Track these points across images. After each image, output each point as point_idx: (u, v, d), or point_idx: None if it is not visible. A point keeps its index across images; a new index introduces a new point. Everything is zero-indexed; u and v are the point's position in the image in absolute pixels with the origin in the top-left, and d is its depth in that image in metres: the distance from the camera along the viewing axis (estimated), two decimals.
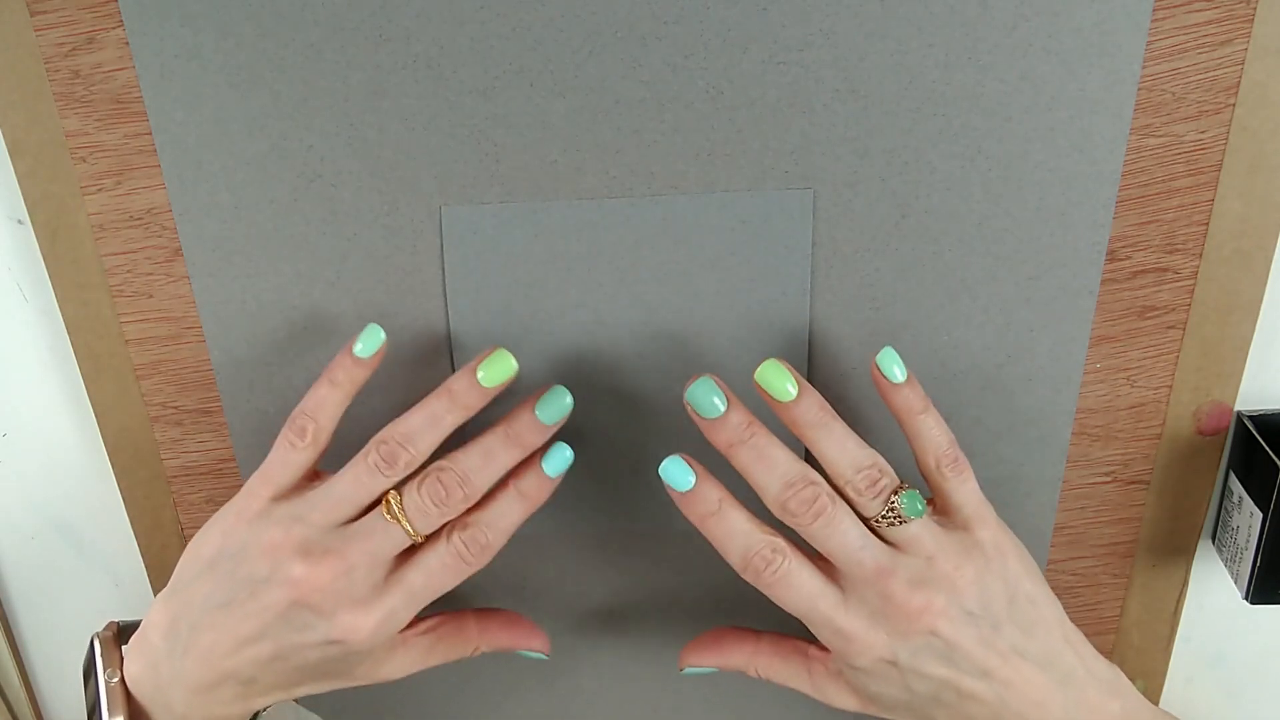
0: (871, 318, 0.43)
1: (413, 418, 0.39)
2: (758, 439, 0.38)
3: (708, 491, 0.38)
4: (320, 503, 0.39)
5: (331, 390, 0.40)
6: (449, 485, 0.38)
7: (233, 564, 0.38)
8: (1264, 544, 0.43)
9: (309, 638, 0.38)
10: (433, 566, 0.39)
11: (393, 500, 0.38)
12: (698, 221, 0.42)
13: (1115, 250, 0.42)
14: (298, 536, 0.38)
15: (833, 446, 0.38)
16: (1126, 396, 0.44)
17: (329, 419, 0.40)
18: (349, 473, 0.39)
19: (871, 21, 0.38)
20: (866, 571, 0.37)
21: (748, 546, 0.37)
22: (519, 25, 0.39)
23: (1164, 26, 0.37)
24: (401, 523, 0.38)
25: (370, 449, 0.39)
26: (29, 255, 0.45)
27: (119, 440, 0.48)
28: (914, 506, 0.37)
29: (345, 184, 0.42)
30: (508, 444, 0.39)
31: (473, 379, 0.39)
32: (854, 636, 0.37)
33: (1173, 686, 0.52)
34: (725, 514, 0.38)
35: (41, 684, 0.57)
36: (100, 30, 0.40)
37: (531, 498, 0.40)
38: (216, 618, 0.38)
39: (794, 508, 0.37)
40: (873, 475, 0.38)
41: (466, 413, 0.39)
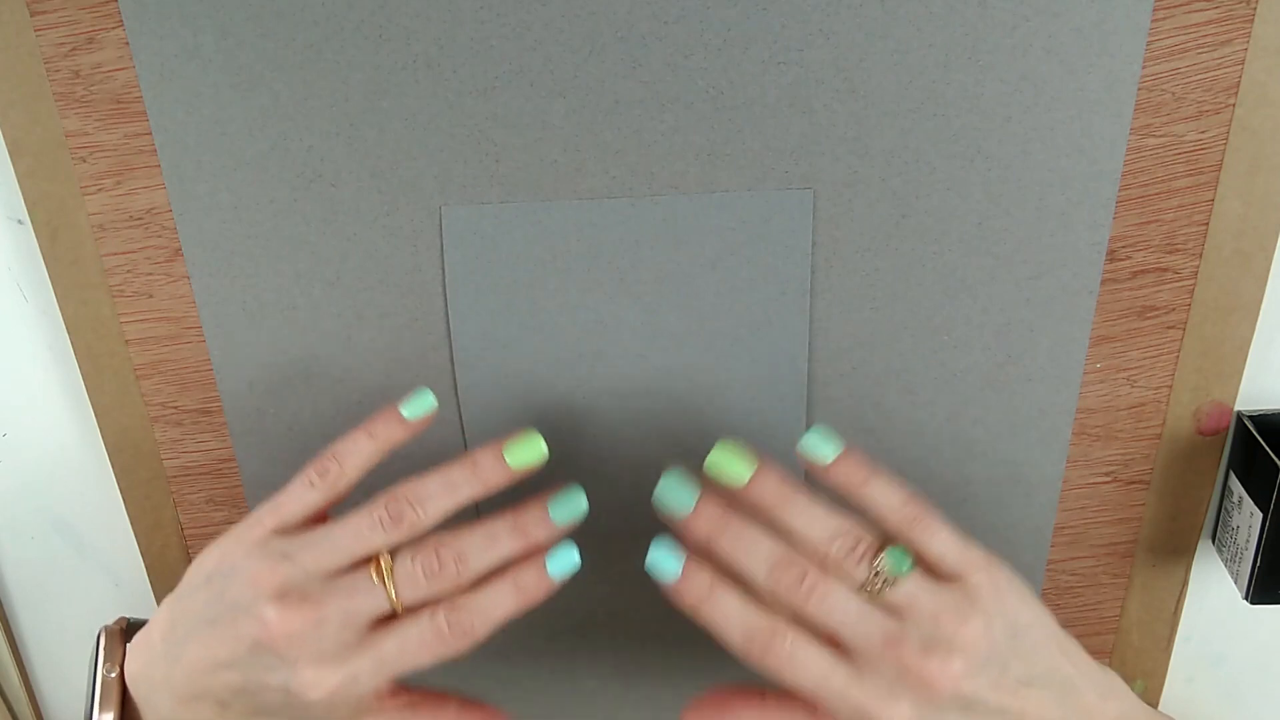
0: (871, 318, 0.43)
1: (429, 480, 0.38)
2: (733, 525, 0.37)
3: (697, 576, 0.37)
4: (314, 546, 0.37)
5: (368, 441, 0.39)
6: (445, 560, 0.37)
7: (223, 584, 0.38)
8: (1264, 544, 0.43)
9: (270, 680, 0.37)
10: (410, 639, 0.37)
11: (383, 562, 0.37)
12: (698, 221, 0.42)
13: (1115, 250, 0.42)
14: (281, 575, 0.37)
15: (800, 520, 0.37)
16: (1126, 396, 0.44)
17: (355, 468, 0.39)
18: (350, 522, 0.37)
19: (871, 21, 0.38)
20: (874, 643, 0.35)
21: (747, 628, 0.36)
22: (519, 25, 0.39)
23: (1164, 26, 0.37)
24: (387, 587, 0.36)
25: (379, 503, 0.37)
26: (29, 255, 0.45)
27: (119, 440, 0.48)
28: (899, 564, 0.36)
29: (345, 184, 0.42)
30: (513, 534, 0.38)
31: (499, 456, 0.38)
32: (875, 712, 0.35)
33: (1173, 686, 0.52)
34: (718, 598, 0.37)
35: (41, 684, 0.57)
36: (100, 30, 0.40)
37: (528, 594, 0.38)
38: (204, 633, 0.38)
39: (785, 588, 0.36)
40: (848, 541, 0.36)
41: (485, 489, 0.38)
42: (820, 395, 0.45)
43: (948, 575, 0.37)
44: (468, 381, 0.45)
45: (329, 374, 0.46)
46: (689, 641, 0.52)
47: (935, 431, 0.45)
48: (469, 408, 0.46)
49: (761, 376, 0.44)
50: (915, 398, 0.45)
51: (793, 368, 0.44)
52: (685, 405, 0.45)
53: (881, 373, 0.44)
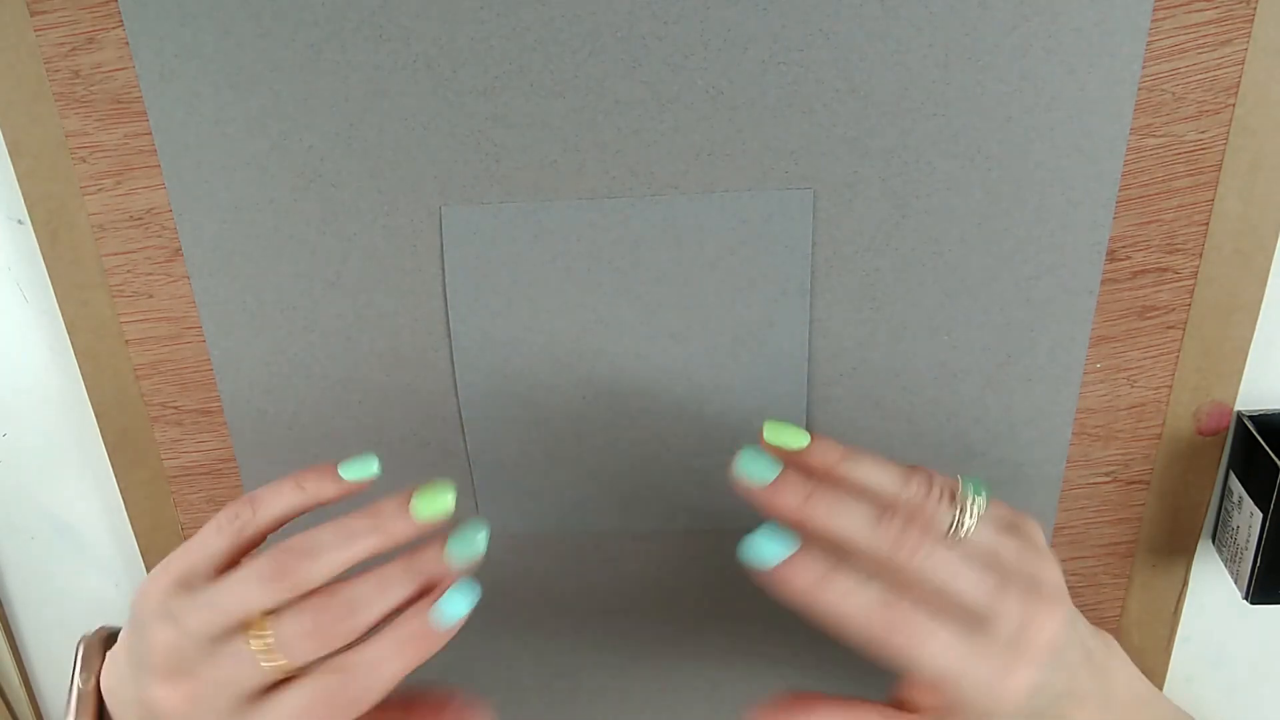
0: (871, 318, 0.43)
1: (324, 531, 0.34)
2: (824, 487, 0.34)
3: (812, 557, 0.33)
4: (199, 608, 0.34)
5: (294, 493, 0.36)
6: (336, 615, 0.33)
7: (138, 635, 0.35)
8: (1264, 544, 0.43)
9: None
10: (292, 709, 0.33)
11: (258, 625, 0.33)
12: (698, 221, 0.42)
13: (1115, 250, 0.42)
14: (167, 644, 0.34)
15: (869, 472, 0.35)
16: (1126, 396, 0.44)
17: (269, 517, 0.36)
18: (235, 577, 0.34)
19: (871, 21, 0.38)
20: (987, 590, 0.33)
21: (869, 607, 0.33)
22: (519, 25, 0.39)
23: (1164, 26, 0.37)
24: (269, 652, 0.33)
25: (267, 554, 0.33)
26: (29, 255, 0.45)
27: (119, 440, 0.48)
28: (978, 490, 0.34)
29: (345, 184, 0.42)
30: (407, 572, 0.34)
31: (404, 507, 0.34)
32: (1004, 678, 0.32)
33: (1173, 686, 0.52)
34: (836, 579, 0.33)
35: (41, 684, 0.57)
36: (100, 30, 0.40)
37: (413, 650, 0.33)
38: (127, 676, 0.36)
39: (895, 539, 0.33)
40: (923, 478, 0.34)
41: (387, 541, 0.34)
42: (820, 395, 0.45)
43: None
44: (468, 381, 0.45)
45: (329, 374, 0.46)
46: (689, 641, 0.52)
47: (935, 431, 0.45)
48: (469, 408, 0.46)
49: (761, 376, 0.44)
50: (915, 398, 0.45)
51: (793, 368, 0.44)
52: (685, 405, 0.45)
53: (881, 373, 0.44)
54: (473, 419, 0.46)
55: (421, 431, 0.47)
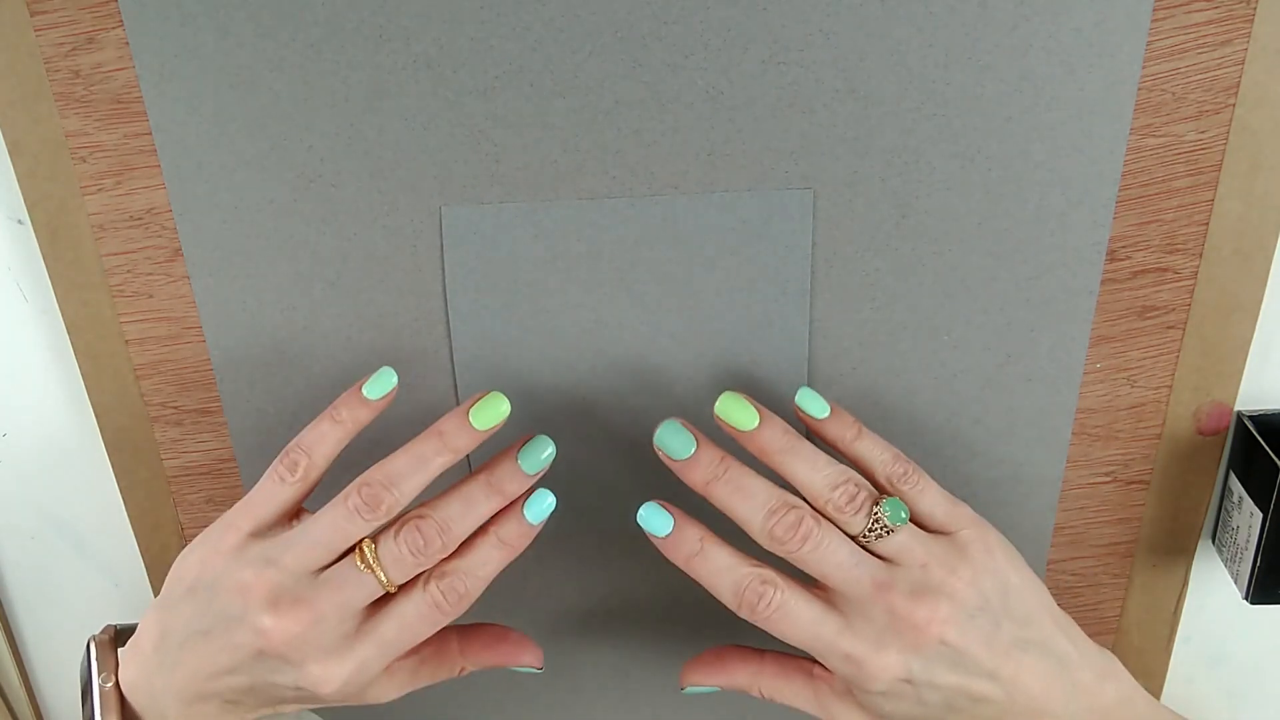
0: (871, 318, 0.43)
1: (398, 459, 0.37)
2: (732, 472, 0.37)
3: (688, 532, 0.38)
4: (295, 545, 0.37)
5: (333, 427, 0.39)
6: (428, 534, 0.37)
7: (209, 596, 0.38)
8: (1264, 544, 0.43)
9: (281, 679, 0.37)
10: (408, 616, 0.37)
11: (367, 549, 0.37)
12: (698, 221, 0.42)
13: (1115, 250, 0.42)
14: (269, 581, 0.36)
15: (804, 468, 0.37)
16: (1126, 396, 0.44)
17: (324, 456, 0.39)
18: (327, 515, 0.37)
19: (871, 21, 0.38)
20: (864, 589, 0.36)
21: (737, 582, 0.37)
22: (519, 25, 0.39)
23: (1164, 26, 0.37)
24: (376, 572, 0.36)
25: (351, 491, 0.37)
26: (29, 255, 0.45)
27: (119, 440, 0.48)
28: (897, 513, 0.37)
29: (345, 184, 0.42)
30: (489, 492, 0.38)
31: (464, 421, 0.38)
32: (865, 660, 0.36)
33: (1173, 686, 0.52)
34: (708, 553, 0.37)
35: (41, 684, 0.57)
36: (100, 30, 0.40)
37: (512, 545, 0.38)
38: (198, 644, 0.38)
39: (780, 534, 0.36)
40: (850, 490, 0.37)
41: (455, 455, 0.38)
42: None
43: (938, 529, 0.38)
44: (468, 381, 0.45)
45: (329, 374, 0.46)
46: (691, 641, 0.52)
47: (935, 431, 0.45)
48: None
49: (762, 377, 0.44)
50: (915, 398, 0.45)
51: (793, 368, 0.44)
52: (685, 405, 0.45)
53: (881, 373, 0.44)
54: None
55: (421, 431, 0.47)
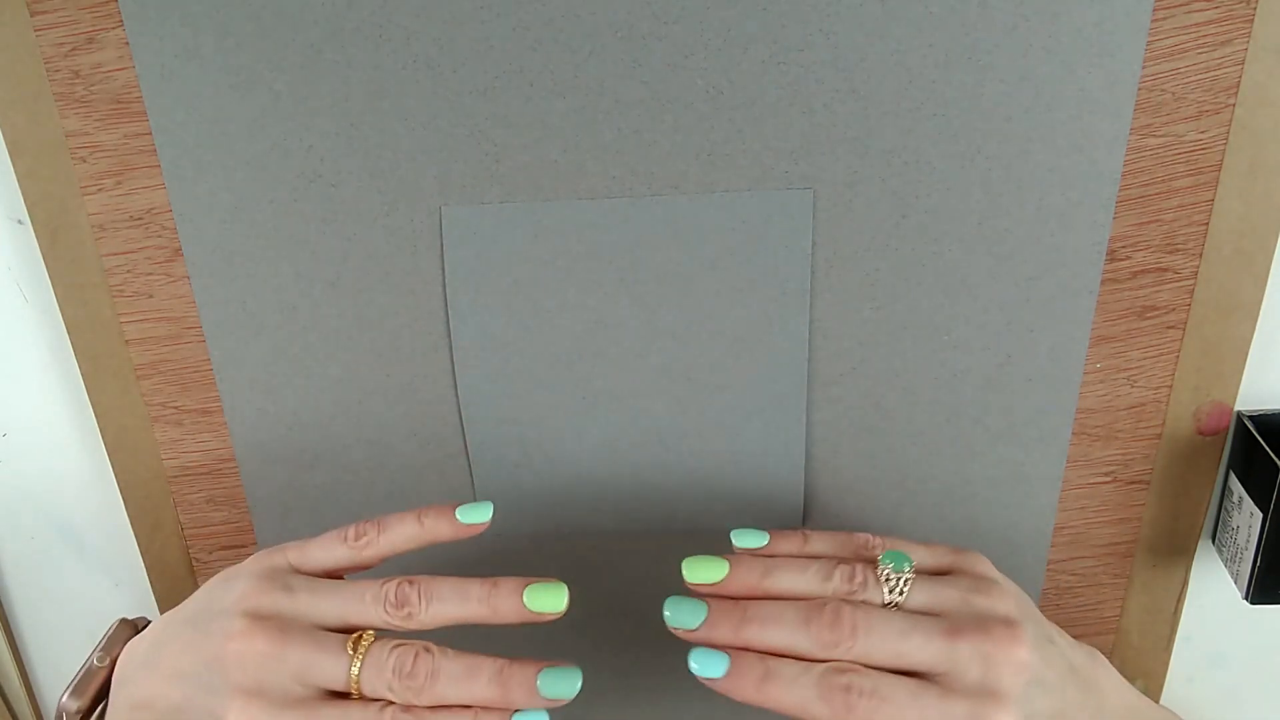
0: (871, 318, 0.43)
1: (446, 582, 0.37)
2: (753, 609, 0.36)
3: (747, 659, 0.35)
4: (315, 590, 0.37)
5: (414, 526, 0.39)
6: (417, 668, 0.35)
7: (219, 591, 0.38)
8: (1264, 544, 0.43)
9: (204, 701, 0.35)
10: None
11: (365, 638, 0.36)
12: (698, 221, 0.42)
13: (1115, 250, 0.42)
14: (269, 599, 0.36)
15: (792, 578, 0.36)
16: (1126, 396, 0.44)
17: (390, 545, 0.39)
18: (357, 585, 0.37)
19: (871, 21, 0.38)
20: (938, 643, 0.34)
21: (820, 684, 0.34)
22: (519, 25, 0.39)
23: (1164, 26, 0.37)
24: (352, 661, 0.35)
25: (390, 581, 0.37)
26: (29, 255, 0.45)
27: (119, 440, 0.48)
28: (901, 562, 0.36)
29: (345, 184, 0.42)
30: (495, 685, 0.36)
31: (518, 594, 0.37)
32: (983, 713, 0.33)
33: (1173, 686, 0.52)
34: (777, 670, 0.34)
35: (41, 684, 0.57)
36: (100, 30, 0.40)
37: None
38: (180, 637, 0.37)
39: (829, 636, 0.34)
40: (845, 571, 0.36)
41: (493, 616, 0.37)
42: (820, 395, 0.45)
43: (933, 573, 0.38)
44: (468, 381, 0.45)
45: (329, 374, 0.46)
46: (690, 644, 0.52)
47: (935, 431, 0.45)
48: (469, 408, 0.46)
49: (761, 376, 0.44)
50: (915, 398, 0.45)
51: (793, 368, 0.44)
52: (685, 405, 0.45)
53: (881, 373, 0.44)
54: (473, 419, 0.46)
55: (421, 431, 0.47)
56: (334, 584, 0.37)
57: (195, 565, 0.51)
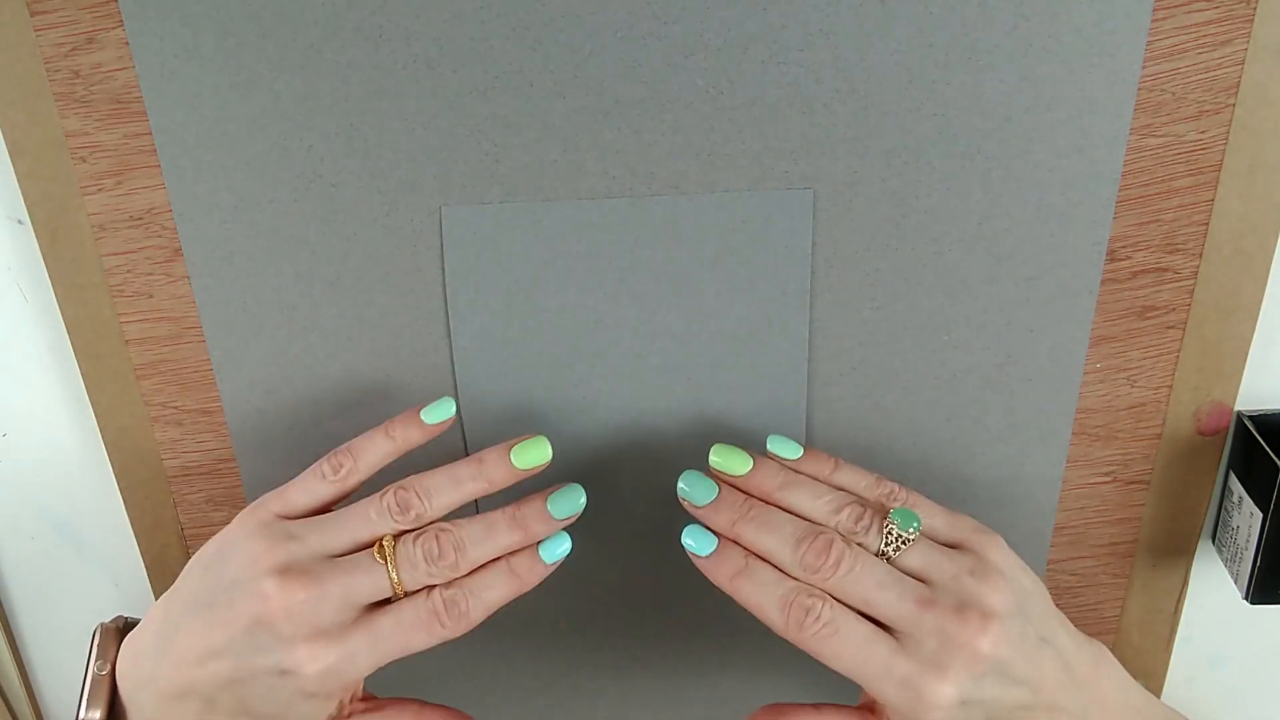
0: (871, 318, 0.43)
1: (436, 475, 0.39)
2: (756, 510, 0.38)
3: (731, 551, 0.38)
4: (319, 527, 0.38)
5: (384, 440, 0.40)
6: (444, 547, 0.37)
7: (221, 567, 0.38)
8: (1264, 544, 0.43)
9: (263, 662, 0.36)
10: (406, 618, 0.37)
11: (386, 544, 0.37)
12: (698, 221, 0.42)
13: (1115, 250, 0.42)
14: (283, 552, 0.37)
15: (806, 498, 0.38)
16: (1126, 396, 0.44)
17: (368, 465, 0.40)
18: (358, 508, 0.38)
19: (871, 21, 0.38)
20: (909, 606, 0.35)
21: (784, 595, 0.36)
22: (519, 25, 0.39)
23: (1164, 26, 0.37)
24: (388, 567, 0.37)
25: (387, 491, 0.38)
26: (29, 255, 0.45)
27: (119, 440, 0.48)
28: (908, 522, 0.37)
29: (345, 184, 0.42)
30: (512, 526, 0.39)
31: (505, 456, 0.39)
32: (923, 685, 0.35)
33: (1173, 686, 0.52)
34: (754, 569, 0.37)
35: (41, 684, 0.57)
36: (100, 30, 0.40)
37: (521, 578, 0.39)
38: (196, 619, 0.38)
39: (813, 561, 0.36)
40: (855, 510, 0.37)
41: (490, 487, 0.39)
42: (820, 395, 0.45)
43: (944, 542, 0.38)
44: (468, 381, 0.45)
45: (329, 374, 0.46)
46: (690, 643, 0.52)
47: (935, 431, 0.45)
48: (469, 408, 0.46)
49: (761, 376, 0.44)
50: (915, 398, 0.45)
51: (793, 368, 0.44)
52: (685, 405, 0.45)
53: (881, 373, 0.44)
54: (473, 419, 0.46)
55: None
56: (333, 516, 0.39)
57: None
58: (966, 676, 0.35)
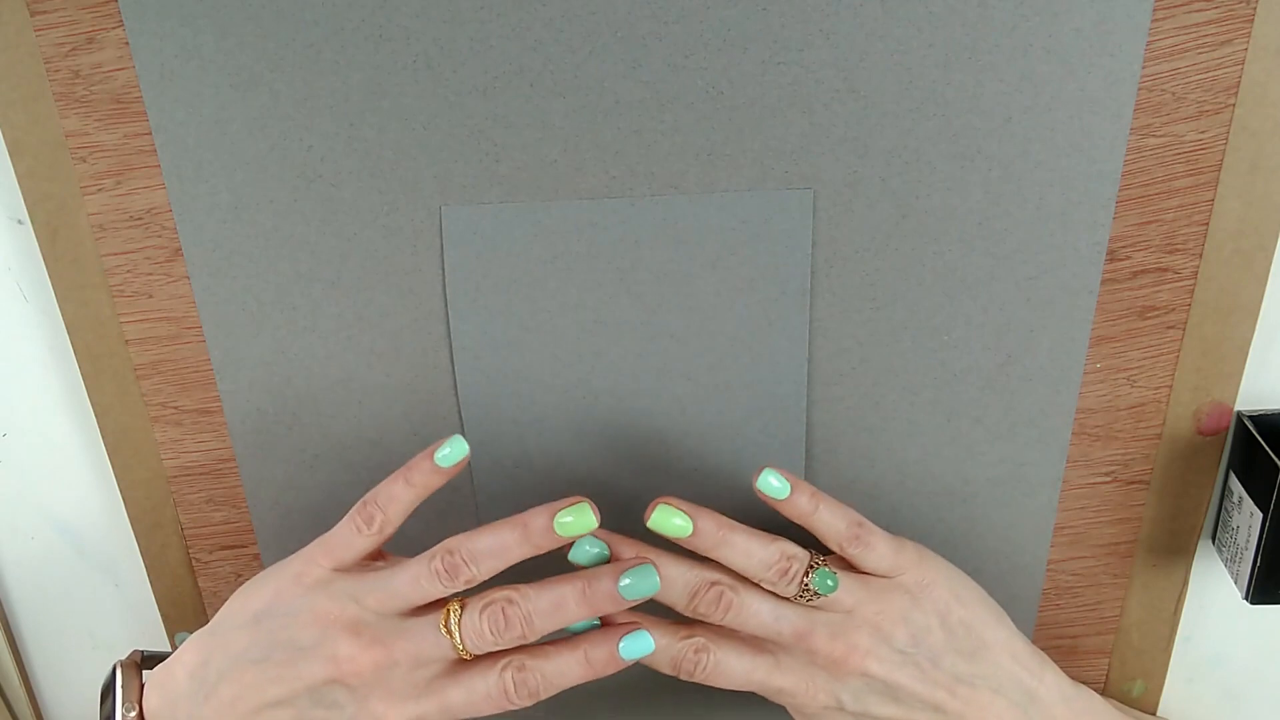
0: (871, 318, 0.43)
1: (483, 538, 0.39)
2: (646, 565, 0.39)
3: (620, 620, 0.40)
4: (377, 590, 0.38)
5: (406, 489, 0.40)
6: (511, 620, 0.38)
7: (279, 624, 0.38)
8: (1264, 544, 0.43)
9: (334, 715, 0.38)
10: (477, 692, 0.38)
11: (452, 614, 0.38)
12: (698, 221, 0.42)
13: (1115, 250, 0.41)
14: (351, 615, 0.38)
15: (738, 556, 0.40)
16: (1126, 396, 0.44)
17: (397, 514, 0.40)
18: (410, 570, 0.39)
19: (871, 21, 0.38)
20: (786, 639, 0.40)
21: (674, 657, 0.40)
22: (519, 25, 0.39)
23: (1164, 26, 0.37)
24: (454, 639, 0.38)
25: (436, 554, 0.39)
26: (29, 255, 0.45)
27: (119, 440, 0.48)
28: (824, 584, 0.40)
29: (345, 184, 0.42)
30: (581, 603, 0.39)
31: (550, 524, 0.39)
32: (795, 691, 0.40)
33: (1173, 686, 0.52)
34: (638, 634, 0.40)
35: (41, 684, 0.57)
36: (100, 30, 0.40)
37: (596, 669, 0.39)
38: (247, 672, 0.38)
39: (704, 610, 0.40)
40: (781, 567, 0.40)
41: (536, 551, 0.39)
42: (820, 395, 0.45)
43: (883, 577, 0.41)
44: (468, 381, 0.45)
45: (329, 374, 0.46)
46: None
47: (935, 431, 0.45)
48: (469, 408, 0.46)
49: (761, 376, 0.44)
50: (915, 398, 0.45)
51: (793, 368, 0.44)
52: (685, 405, 0.45)
53: (881, 373, 0.44)
54: (473, 419, 0.46)
55: (421, 431, 0.47)
56: (387, 575, 0.39)
57: (195, 565, 0.51)
58: (838, 684, 0.40)
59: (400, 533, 0.41)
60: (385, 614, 0.38)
